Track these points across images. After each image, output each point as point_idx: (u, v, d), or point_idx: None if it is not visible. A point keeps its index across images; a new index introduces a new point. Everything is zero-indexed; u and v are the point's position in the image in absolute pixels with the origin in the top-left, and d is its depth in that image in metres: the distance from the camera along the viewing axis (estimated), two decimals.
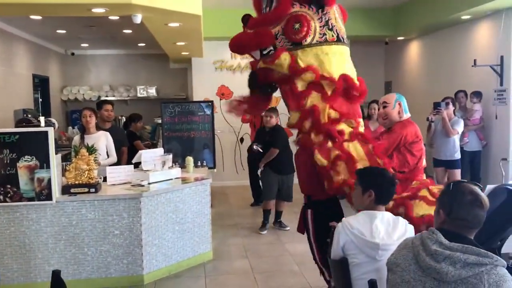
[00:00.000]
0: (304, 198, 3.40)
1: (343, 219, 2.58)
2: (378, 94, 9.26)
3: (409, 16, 8.29)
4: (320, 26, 2.92)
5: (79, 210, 4.30)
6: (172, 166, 5.13)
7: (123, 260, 4.38)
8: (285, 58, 2.95)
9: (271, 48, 2.92)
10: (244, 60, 8.92)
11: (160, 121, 7.22)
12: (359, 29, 8.60)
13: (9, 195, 4.14)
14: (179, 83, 11.15)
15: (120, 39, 9.19)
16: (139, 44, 9.97)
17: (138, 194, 4.37)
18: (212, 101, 6.54)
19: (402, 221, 2.53)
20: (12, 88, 7.63)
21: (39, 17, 6.38)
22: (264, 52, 2.93)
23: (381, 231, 2.44)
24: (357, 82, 3.14)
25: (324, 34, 2.93)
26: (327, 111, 2.98)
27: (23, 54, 8.25)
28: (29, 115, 7.24)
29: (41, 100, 9.43)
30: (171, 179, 4.98)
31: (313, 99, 2.99)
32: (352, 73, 3.17)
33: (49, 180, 4.16)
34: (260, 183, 6.45)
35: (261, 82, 3.18)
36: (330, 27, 2.96)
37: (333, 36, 2.97)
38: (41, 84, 9.38)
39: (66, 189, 4.32)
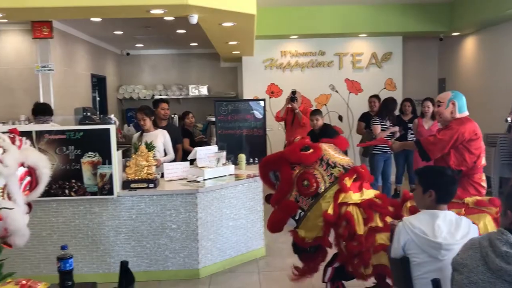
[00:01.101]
0: None
1: (404, 218, 2.57)
2: (431, 91, 9.06)
3: (465, 11, 8.02)
4: (324, 170, 3.14)
5: (138, 204, 4.47)
6: (225, 163, 5.23)
7: (179, 253, 4.51)
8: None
9: (300, 211, 3.17)
10: (294, 58, 8.95)
11: (213, 119, 7.35)
12: (412, 25, 8.42)
13: (74, 189, 4.36)
14: (229, 82, 11.31)
15: (174, 39, 9.43)
16: (192, 44, 10.19)
17: (195, 190, 4.50)
18: (264, 99, 6.60)
19: (465, 221, 2.49)
20: (73, 87, 7.99)
21: (99, 19, 6.65)
22: (296, 218, 3.20)
23: (443, 231, 2.41)
24: None
25: (332, 173, 3.15)
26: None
27: (83, 55, 8.62)
28: (89, 113, 7.58)
29: (98, 98, 9.82)
30: (225, 175, 5.08)
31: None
32: None
33: (111, 176, 4.34)
34: None
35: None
36: (333, 165, 3.17)
37: (339, 170, 3.17)
38: (98, 83, 9.77)
39: (126, 184, 4.50)
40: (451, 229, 2.43)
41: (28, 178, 2.37)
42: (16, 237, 2.23)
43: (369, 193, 3.23)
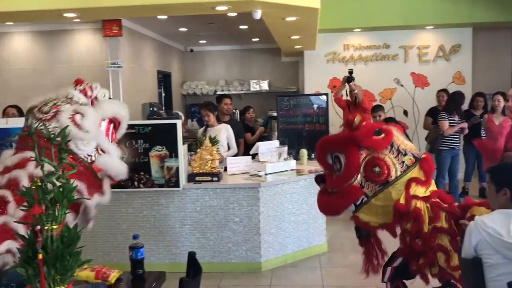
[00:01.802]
0: None
1: (476, 217, 2.46)
2: (504, 85, 8.58)
3: None
4: (395, 157, 2.95)
5: (202, 197, 4.58)
6: (287, 158, 5.24)
7: (242, 246, 4.58)
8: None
9: (363, 197, 2.97)
10: (357, 52, 8.79)
11: (274, 113, 7.38)
12: (483, 15, 8.01)
13: (142, 181, 4.53)
14: (290, 76, 11.28)
15: (236, 35, 9.54)
16: (253, 39, 10.26)
17: (257, 184, 4.54)
18: (327, 94, 6.54)
19: None
20: (140, 83, 8.29)
21: (165, 17, 6.85)
22: (358, 203, 3.00)
23: None
24: None
25: (403, 161, 2.95)
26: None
27: (149, 52, 8.92)
28: (155, 108, 7.84)
29: (164, 94, 10.13)
30: (286, 170, 5.09)
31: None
32: None
33: (177, 169, 4.47)
34: None
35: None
36: (404, 153, 2.98)
37: (410, 159, 2.97)
38: (164, 79, 10.07)
39: (191, 177, 4.62)
40: None
41: (111, 126, 2.62)
42: (118, 177, 2.59)
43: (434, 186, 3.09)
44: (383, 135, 2.94)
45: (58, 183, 1.89)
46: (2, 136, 3.45)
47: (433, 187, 3.06)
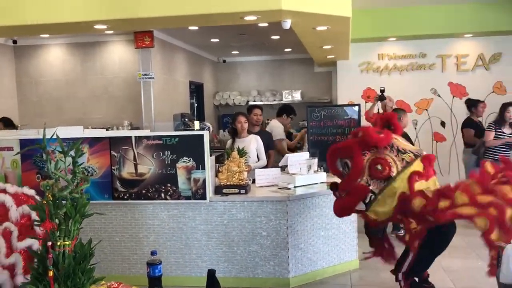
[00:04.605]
0: None
1: None
2: None
3: None
4: (395, 156, 3.29)
5: (230, 210, 4.48)
6: (317, 170, 5.10)
7: (270, 261, 4.46)
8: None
9: (371, 194, 3.30)
10: (392, 61, 8.57)
11: (306, 124, 7.24)
12: None
13: (169, 193, 4.48)
14: (323, 87, 11.14)
15: (268, 46, 9.49)
16: (286, 50, 10.18)
17: (285, 197, 4.42)
18: (359, 105, 6.35)
19: None
20: (172, 94, 8.33)
21: (196, 28, 6.85)
22: (366, 201, 3.32)
23: None
24: None
25: (403, 159, 3.29)
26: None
27: (181, 62, 8.97)
28: (186, 119, 7.83)
29: (196, 105, 10.16)
30: (317, 183, 4.95)
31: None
32: None
33: (204, 181, 4.41)
34: None
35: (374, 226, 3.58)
36: (403, 152, 3.33)
37: (410, 156, 3.31)
38: (196, 90, 10.11)
39: (218, 190, 4.54)
40: None
41: None
42: None
43: (434, 180, 3.32)
44: (382, 135, 3.32)
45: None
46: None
47: (433, 180, 3.30)
